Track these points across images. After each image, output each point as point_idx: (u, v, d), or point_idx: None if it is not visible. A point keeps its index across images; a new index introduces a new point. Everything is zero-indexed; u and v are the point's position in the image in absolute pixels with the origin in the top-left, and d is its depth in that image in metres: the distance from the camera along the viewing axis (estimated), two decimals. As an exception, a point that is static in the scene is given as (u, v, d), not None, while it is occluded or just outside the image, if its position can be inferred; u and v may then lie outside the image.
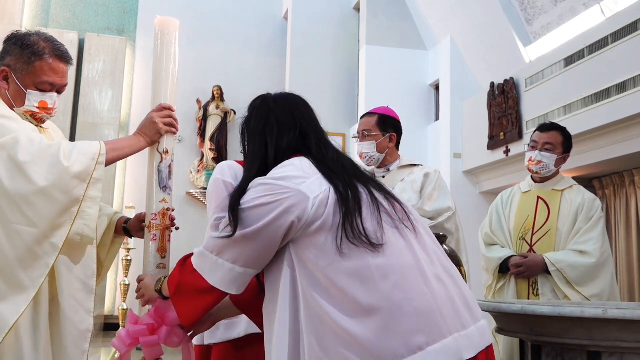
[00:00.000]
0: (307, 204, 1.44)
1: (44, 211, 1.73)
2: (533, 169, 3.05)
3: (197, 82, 9.30)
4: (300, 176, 1.49)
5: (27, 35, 1.91)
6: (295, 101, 1.70)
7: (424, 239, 1.52)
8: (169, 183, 1.94)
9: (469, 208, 7.36)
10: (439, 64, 8.08)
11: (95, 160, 1.80)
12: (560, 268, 2.83)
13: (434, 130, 8.20)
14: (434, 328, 1.35)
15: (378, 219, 1.46)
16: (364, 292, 1.36)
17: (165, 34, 1.97)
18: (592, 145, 5.54)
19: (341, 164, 1.58)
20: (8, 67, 1.89)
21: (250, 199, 1.49)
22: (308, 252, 1.44)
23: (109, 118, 8.98)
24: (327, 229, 1.43)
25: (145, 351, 1.78)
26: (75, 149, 1.80)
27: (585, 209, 2.94)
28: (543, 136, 3.04)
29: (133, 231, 2.09)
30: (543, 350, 2.32)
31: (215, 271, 1.50)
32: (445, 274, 1.47)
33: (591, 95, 5.41)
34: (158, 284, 1.74)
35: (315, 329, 1.39)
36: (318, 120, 1.70)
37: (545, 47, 6.40)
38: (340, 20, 9.58)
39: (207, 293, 1.52)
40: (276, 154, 1.60)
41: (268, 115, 1.65)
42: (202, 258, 1.54)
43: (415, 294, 1.37)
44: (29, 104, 1.90)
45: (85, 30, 9.18)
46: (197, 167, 9.34)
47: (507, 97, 6.67)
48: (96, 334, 7.09)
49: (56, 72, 1.92)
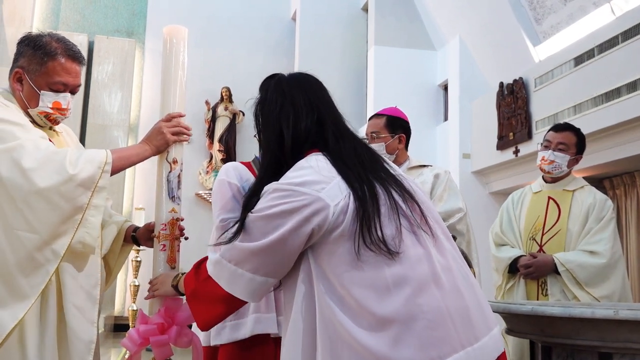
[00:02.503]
0: (328, 211, 1.38)
1: (46, 217, 1.72)
2: (545, 169, 3.03)
3: (206, 83, 9.33)
4: (320, 181, 1.42)
5: (40, 36, 1.91)
6: (310, 82, 1.62)
7: (443, 244, 1.47)
8: (178, 193, 1.93)
9: (478, 208, 7.33)
10: (448, 64, 8.06)
11: (101, 168, 1.79)
12: (569, 268, 2.81)
13: (443, 131, 8.18)
14: (447, 342, 1.33)
15: (397, 223, 1.41)
16: (378, 303, 1.34)
17: (174, 42, 1.97)
18: (602, 145, 5.50)
19: (358, 158, 1.51)
20: (22, 69, 1.89)
21: (267, 205, 1.42)
22: (326, 260, 1.40)
23: (118, 120, 9.03)
24: (345, 236, 1.38)
25: (155, 351, 1.79)
26: (82, 156, 1.79)
27: (596, 209, 2.92)
28: (557, 136, 3.02)
29: (141, 240, 2.08)
30: (553, 351, 2.31)
31: (235, 281, 1.45)
32: (463, 281, 1.44)
33: (601, 95, 5.37)
34: (175, 279, 1.71)
35: (330, 339, 1.37)
36: (334, 103, 1.62)
37: (554, 47, 6.37)
38: (349, 21, 9.58)
39: (224, 301, 1.48)
40: (293, 143, 1.53)
41: (283, 99, 1.56)
42: (219, 267, 1.48)
43: (430, 307, 1.35)
44: (42, 105, 1.89)
45: (94, 32, 9.25)
46: (206, 168, 9.38)
47: (516, 97, 6.64)
48: (106, 335, 7.12)
49: (69, 72, 1.92)
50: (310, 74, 1.64)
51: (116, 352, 6.28)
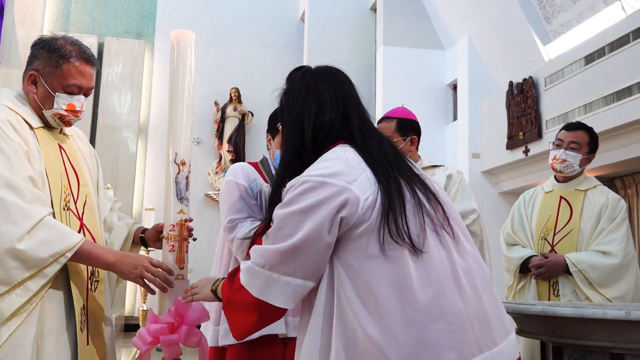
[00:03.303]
0: (358, 205, 1.36)
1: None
2: (557, 168, 3.01)
3: (215, 84, 9.36)
4: (350, 173, 1.39)
5: (54, 39, 1.93)
6: (337, 76, 1.58)
7: (464, 246, 1.46)
8: (186, 194, 1.94)
9: (488, 208, 7.30)
10: (457, 64, 8.03)
11: (54, 257, 1.71)
12: (581, 269, 2.79)
13: (452, 131, 8.15)
14: (465, 345, 1.33)
15: (421, 221, 1.40)
16: (399, 303, 1.32)
17: (181, 46, 1.98)
18: (613, 144, 5.46)
19: (384, 153, 1.49)
20: (36, 71, 1.90)
21: (297, 199, 1.38)
22: (349, 255, 1.37)
23: (128, 121, 9.08)
24: (370, 231, 1.36)
25: (164, 350, 1.79)
26: (45, 233, 1.70)
27: (609, 209, 2.89)
28: (569, 135, 3.00)
29: (150, 241, 2.08)
30: (564, 352, 2.29)
31: (270, 287, 1.39)
32: (483, 285, 1.43)
33: (612, 94, 5.33)
34: (214, 285, 1.66)
35: (345, 337, 1.35)
36: (360, 99, 1.58)
37: (564, 45, 6.33)
38: (357, 21, 9.57)
39: (257, 310, 1.43)
40: (315, 135, 1.49)
41: (307, 90, 1.53)
42: (251, 274, 1.43)
43: (451, 309, 1.34)
44: (57, 107, 1.90)
45: (104, 34, 9.30)
46: (215, 169, 9.40)
47: (526, 96, 6.60)
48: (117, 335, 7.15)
49: (83, 75, 1.93)
50: (337, 68, 1.61)
51: (127, 351, 6.31)
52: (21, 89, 1.96)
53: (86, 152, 2.11)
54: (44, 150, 1.86)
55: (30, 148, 1.82)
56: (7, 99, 1.89)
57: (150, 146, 9.27)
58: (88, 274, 1.90)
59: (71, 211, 1.89)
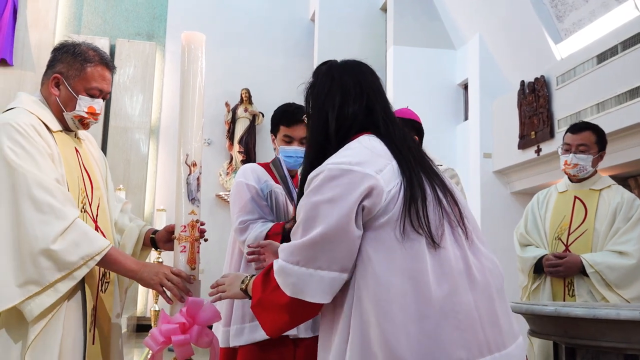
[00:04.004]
0: (382, 195, 1.36)
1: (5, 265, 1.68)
2: (570, 172, 2.99)
3: (226, 85, 9.39)
4: (376, 162, 1.39)
5: (77, 44, 2.00)
6: (362, 69, 1.59)
7: (478, 247, 1.47)
8: (197, 195, 1.95)
9: (499, 208, 7.27)
10: (468, 63, 8.00)
11: (84, 260, 1.74)
12: (599, 270, 2.76)
13: (463, 130, 8.12)
14: (475, 345, 1.33)
15: (440, 216, 1.41)
16: (414, 297, 1.33)
17: (192, 48, 1.99)
18: (626, 143, 5.42)
19: (408, 146, 1.50)
20: (60, 74, 1.96)
21: (322, 189, 1.37)
22: (368, 246, 1.37)
23: (139, 122, 9.13)
24: (391, 222, 1.36)
25: (176, 350, 1.80)
26: (76, 235, 1.73)
27: (624, 208, 2.86)
28: (576, 138, 2.97)
29: (160, 243, 2.11)
30: (578, 353, 2.27)
31: (305, 284, 1.37)
32: (495, 287, 1.43)
33: (625, 93, 5.29)
34: (243, 283, 1.63)
35: (360, 329, 1.35)
36: (384, 91, 1.59)
37: (576, 44, 6.28)
38: (367, 21, 9.56)
39: (289, 310, 1.41)
40: (339, 125, 1.50)
41: (332, 83, 1.54)
42: (284, 274, 1.40)
43: (462, 307, 1.34)
44: (79, 109, 1.96)
45: (116, 36, 9.37)
46: (226, 169, 9.44)
47: (537, 95, 6.56)
48: (129, 335, 7.20)
49: (104, 79, 2.00)
50: (362, 61, 1.62)
51: (139, 352, 6.34)
52: (39, 92, 2.01)
53: (97, 156, 2.15)
54: (63, 153, 1.90)
55: (53, 151, 1.86)
56: (28, 103, 1.93)
57: (162, 147, 9.32)
58: (99, 275, 1.93)
59: (87, 213, 1.93)
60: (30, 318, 1.69)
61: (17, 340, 1.72)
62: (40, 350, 1.71)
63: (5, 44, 8.70)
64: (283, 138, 2.54)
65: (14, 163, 1.73)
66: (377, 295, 1.34)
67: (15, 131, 1.77)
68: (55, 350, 1.73)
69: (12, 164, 1.73)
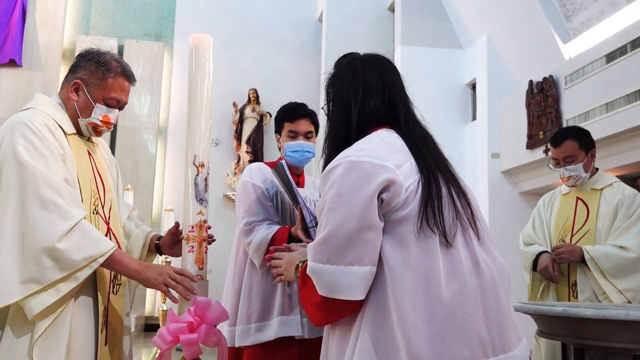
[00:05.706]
0: (401, 190, 1.37)
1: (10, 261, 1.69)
2: (569, 185, 3.02)
3: (233, 85, 9.41)
4: (395, 157, 1.40)
5: (101, 53, 2.03)
6: (384, 63, 1.58)
7: (489, 248, 1.48)
8: (205, 196, 1.96)
9: (507, 209, 7.24)
10: (476, 63, 7.98)
11: (87, 261, 1.73)
12: (594, 256, 2.77)
13: (471, 130, 8.09)
14: (480, 345, 1.34)
15: (453, 215, 1.42)
16: (424, 294, 1.33)
17: (200, 50, 2.01)
18: (635, 143, 5.38)
19: (427, 145, 1.50)
20: (81, 80, 1.98)
21: (341, 181, 1.37)
22: (384, 240, 1.37)
23: (147, 122, 9.16)
24: (409, 218, 1.37)
25: (184, 349, 1.81)
26: (80, 235, 1.74)
27: (624, 205, 2.86)
28: (559, 151, 2.97)
29: (164, 248, 2.12)
30: (586, 353, 2.27)
31: (339, 282, 1.35)
32: (503, 289, 1.44)
33: (634, 92, 5.26)
34: (297, 271, 1.61)
35: (373, 324, 1.36)
36: (405, 87, 1.58)
37: (585, 44, 6.25)
38: (375, 21, 9.55)
39: (328, 308, 1.40)
40: (359, 119, 1.50)
41: (354, 76, 1.54)
42: (316, 275, 1.38)
43: (470, 307, 1.35)
44: (94, 117, 1.98)
45: (124, 36, 9.40)
46: (234, 169, 9.45)
47: (546, 95, 6.53)
48: (137, 334, 7.22)
49: (123, 90, 2.03)
50: (384, 56, 1.62)
51: (147, 351, 6.36)
52: (57, 94, 2.03)
53: (109, 160, 2.17)
54: (76, 155, 1.92)
55: (65, 152, 1.87)
56: (44, 104, 1.95)
57: (170, 147, 9.35)
58: (111, 277, 1.94)
59: (100, 215, 1.95)
60: (31, 316, 1.70)
61: (23, 337, 1.73)
62: (47, 350, 1.72)
63: (14, 44, 8.75)
64: (288, 134, 2.54)
65: (26, 162, 1.75)
66: (388, 291, 1.35)
67: (30, 130, 1.80)
68: (63, 351, 1.74)
69: (23, 162, 1.75)
